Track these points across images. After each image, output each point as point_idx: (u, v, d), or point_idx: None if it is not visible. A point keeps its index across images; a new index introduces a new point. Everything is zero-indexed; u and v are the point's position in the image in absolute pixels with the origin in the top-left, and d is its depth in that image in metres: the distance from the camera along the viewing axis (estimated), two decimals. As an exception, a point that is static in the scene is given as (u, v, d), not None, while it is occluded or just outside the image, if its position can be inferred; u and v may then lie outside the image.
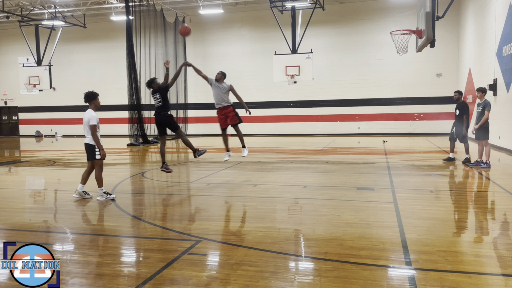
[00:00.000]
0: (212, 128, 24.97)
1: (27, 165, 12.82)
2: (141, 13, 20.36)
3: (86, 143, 7.00)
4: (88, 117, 6.88)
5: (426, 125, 22.03)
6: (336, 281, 3.59)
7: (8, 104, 28.79)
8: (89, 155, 7.01)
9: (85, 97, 7.06)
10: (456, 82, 21.21)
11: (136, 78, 19.42)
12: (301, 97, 23.51)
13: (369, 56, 22.43)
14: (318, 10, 20.63)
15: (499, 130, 13.59)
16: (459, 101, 10.61)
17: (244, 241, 4.71)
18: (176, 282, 3.68)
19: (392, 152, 14.04)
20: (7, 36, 27.79)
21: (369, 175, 9.38)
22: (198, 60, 24.82)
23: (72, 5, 23.60)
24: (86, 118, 6.91)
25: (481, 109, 9.83)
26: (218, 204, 6.76)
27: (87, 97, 7.05)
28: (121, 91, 22.93)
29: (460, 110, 10.53)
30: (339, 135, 22.74)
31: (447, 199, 7.10)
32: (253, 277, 3.71)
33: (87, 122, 6.88)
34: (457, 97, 10.62)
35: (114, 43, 25.58)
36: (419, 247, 4.42)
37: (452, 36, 21.07)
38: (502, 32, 13.64)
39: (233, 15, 23.93)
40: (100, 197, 7.01)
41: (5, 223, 5.88)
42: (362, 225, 5.29)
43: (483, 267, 3.94)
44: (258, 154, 14.08)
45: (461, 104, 10.58)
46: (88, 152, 7.01)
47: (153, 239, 4.97)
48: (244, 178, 9.43)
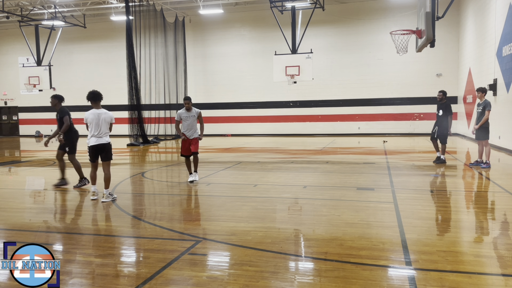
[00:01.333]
0: (212, 128, 24.99)
1: (27, 165, 12.82)
2: (141, 13, 20.37)
3: (104, 143, 6.92)
4: (111, 115, 6.96)
5: (426, 125, 22.00)
6: (336, 281, 3.59)
7: (8, 104, 28.80)
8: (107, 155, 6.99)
9: (94, 96, 6.95)
10: (456, 82, 21.22)
11: (136, 78, 19.42)
12: (301, 97, 23.52)
13: (369, 56, 22.43)
14: (318, 10, 20.63)
15: (499, 130, 13.59)
16: (443, 101, 10.63)
17: (244, 241, 4.71)
18: (176, 282, 3.68)
19: (392, 152, 14.04)
20: (7, 36, 27.79)
21: (369, 175, 9.38)
22: (198, 60, 24.86)
23: (72, 5, 23.59)
24: (107, 117, 6.90)
25: (482, 109, 9.83)
26: (218, 204, 6.76)
27: (96, 95, 6.97)
28: (121, 91, 22.93)
29: (444, 110, 10.55)
30: (339, 135, 22.74)
31: (447, 199, 7.09)
32: (253, 277, 3.71)
33: (109, 120, 6.91)
34: (441, 97, 10.64)
35: (114, 43, 25.58)
36: (419, 247, 4.42)
37: (452, 36, 21.07)
38: (502, 32, 13.64)
39: (233, 15, 23.93)
40: (107, 198, 6.92)
41: (5, 223, 5.88)
42: (362, 225, 5.29)
43: (483, 267, 3.94)
44: (258, 154, 14.08)
45: (445, 105, 10.61)
46: (109, 152, 6.99)
47: (153, 239, 4.97)
48: (244, 178, 9.43)
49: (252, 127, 24.38)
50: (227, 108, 24.63)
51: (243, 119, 24.47)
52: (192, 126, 8.50)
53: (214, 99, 24.80)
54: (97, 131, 6.89)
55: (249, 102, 24.27)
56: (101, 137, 6.92)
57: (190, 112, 8.47)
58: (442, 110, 10.59)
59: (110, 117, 6.98)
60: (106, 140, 6.96)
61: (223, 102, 24.65)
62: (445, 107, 10.58)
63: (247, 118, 24.44)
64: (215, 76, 24.68)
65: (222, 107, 24.68)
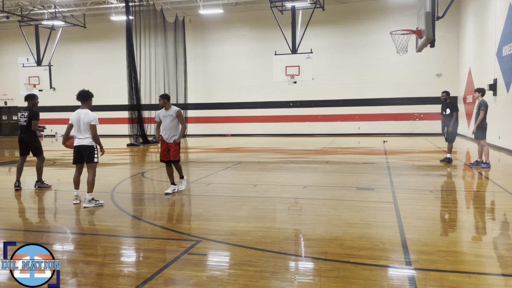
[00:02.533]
0: (212, 128, 24.99)
1: (27, 165, 12.78)
2: (141, 13, 20.37)
3: (84, 145, 6.57)
4: (90, 117, 6.55)
5: (426, 125, 22.03)
6: (336, 281, 3.59)
7: (8, 104, 28.80)
8: (88, 158, 6.60)
9: (81, 96, 6.71)
10: (456, 82, 21.22)
11: (136, 78, 19.43)
12: (301, 97, 23.52)
13: (369, 56, 22.43)
14: (318, 10, 20.64)
15: (499, 130, 13.59)
16: (447, 101, 10.72)
17: (244, 241, 4.70)
18: (176, 282, 3.67)
19: (392, 152, 14.04)
20: (7, 36, 27.80)
21: (369, 175, 9.38)
22: (198, 60, 24.86)
23: (72, 5, 23.60)
24: (86, 118, 6.54)
25: (477, 109, 9.91)
26: (218, 204, 6.76)
27: (84, 95, 6.71)
28: (121, 91, 22.94)
29: (450, 109, 10.64)
30: (339, 135, 22.74)
31: (447, 199, 7.09)
32: (253, 277, 3.71)
33: (88, 122, 6.54)
34: (445, 98, 10.73)
35: (114, 43, 25.59)
36: (419, 247, 4.42)
37: (452, 36, 21.07)
38: (502, 32, 13.64)
39: (233, 15, 23.93)
40: (89, 203, 6.55)
41: (5, 223, 5.88)
42: (362, 225, 5.29)
43: (483, 267, 3.94)
44: (258, 154, 14.08)
45: (451, 103, 10.70)
46: (87, 154, 6.60)
47: (153, 239, 4.97)
48: (244, 178, 9.43)
49: (252, 127, 24.38)
50: (227, 108, 24.64)
51: (243, 119, 24.48)
52: (170, 127, 7.44)
53: (214, 99, 24.80)
54: (78, 132, 6.63)
55: (249, 102, 24.27)
56: (82, 139, 6.61)
57: (168, 111, 7.46)
58: (448, 108, 10.66)
59: (89, 118, 6.56)
60: (88, 142, 6.59)
61: (223, 102, 24.66)
62: (450, 105, 10.69)
63: (247, 118, 24.44)
64: (215, 76, 24.68)
65: (222, 107, 24.69)
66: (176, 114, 7.43)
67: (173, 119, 7.43)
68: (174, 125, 7.45)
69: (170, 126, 7.44)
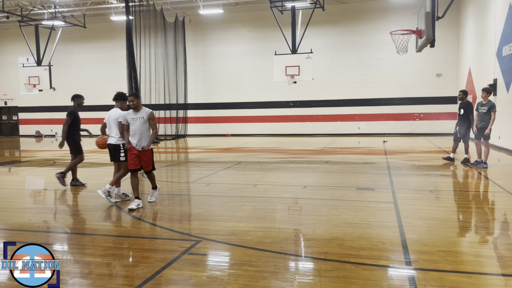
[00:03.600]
0: (212, 128, 24.99)
1: (27, 165, 12.82)
2: (141, 13, 20.36)
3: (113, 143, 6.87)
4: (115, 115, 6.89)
5: (426, 125, 22.03)
6: (336, 281, 3.59)
7: (8, 104, 28.79)
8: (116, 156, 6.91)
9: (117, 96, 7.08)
10: (456, 82, 21.22)
11: (136, 78, 19.42)
12: (301, 97, 23.52)
13: (369, 56, 22.43)
14: (318, 10, 20.64)
15: (499, 130, 13.59)
16: (463, 101, 10.65)
17: (244, 241, 4.71)
18: (176, 282, 3.68)
19: (392, 152, 14.04)
20: (7, 36, 27.79)
21: (369, 175, 9.38)
22: (198, 60, 24.85)
23: (72, 5, 23.59)
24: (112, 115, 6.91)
25: (487, 110, 9.82)
26: (218, 204, 6.76)
27: (118, 96, 7.07)
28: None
29: (465, 110, 10.56)
30: (339, 135, 22.74)
31: (447, 199, 7.09)
32: (253, 277, 3.71)
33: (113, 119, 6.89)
34: (461, 97, 10.66)
35: (114, 43, 25.58)
36: (419, 247, 4.42)
37: (452, 36, 21.07)
38: (502, 32, 13.64)
39: (233, 15, 23.93)
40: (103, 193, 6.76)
41: (5, 223, 5.88)
42: (362, 225, 5.29)
43: (483, 267, 3.94)
44: (258, 154, 14.08)
45: (466, 104, 10.61)
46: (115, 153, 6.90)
47: (153, 239, 4.98)
48: (244, 178, 9.43)
49: (252, 127, 24.38)
50: (227, 108, 24.64)
51: (243, 119, 24.48)
52: (140, 132, 6.40)
53: (214, 99, 24.80)
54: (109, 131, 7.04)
55: (249, 102, 24.27)
56: (111, 137, 6.99)
57: (139, 113, 6.41)
58: (463, 109, 10.60)
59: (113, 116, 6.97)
60: (113, 141, 6.92)
61: (223, 102, 24.66)
62: (465, 106, 10.58)
63: (247, 118, 24.44)
64: (215, 76, 24.68)
65: (222, 107, 24.69)
66: (148, 116, 6.42)
67: (145, 122, 6.42)
68: (145, 129, 6.44)
69: (140, 130, 6.40)
